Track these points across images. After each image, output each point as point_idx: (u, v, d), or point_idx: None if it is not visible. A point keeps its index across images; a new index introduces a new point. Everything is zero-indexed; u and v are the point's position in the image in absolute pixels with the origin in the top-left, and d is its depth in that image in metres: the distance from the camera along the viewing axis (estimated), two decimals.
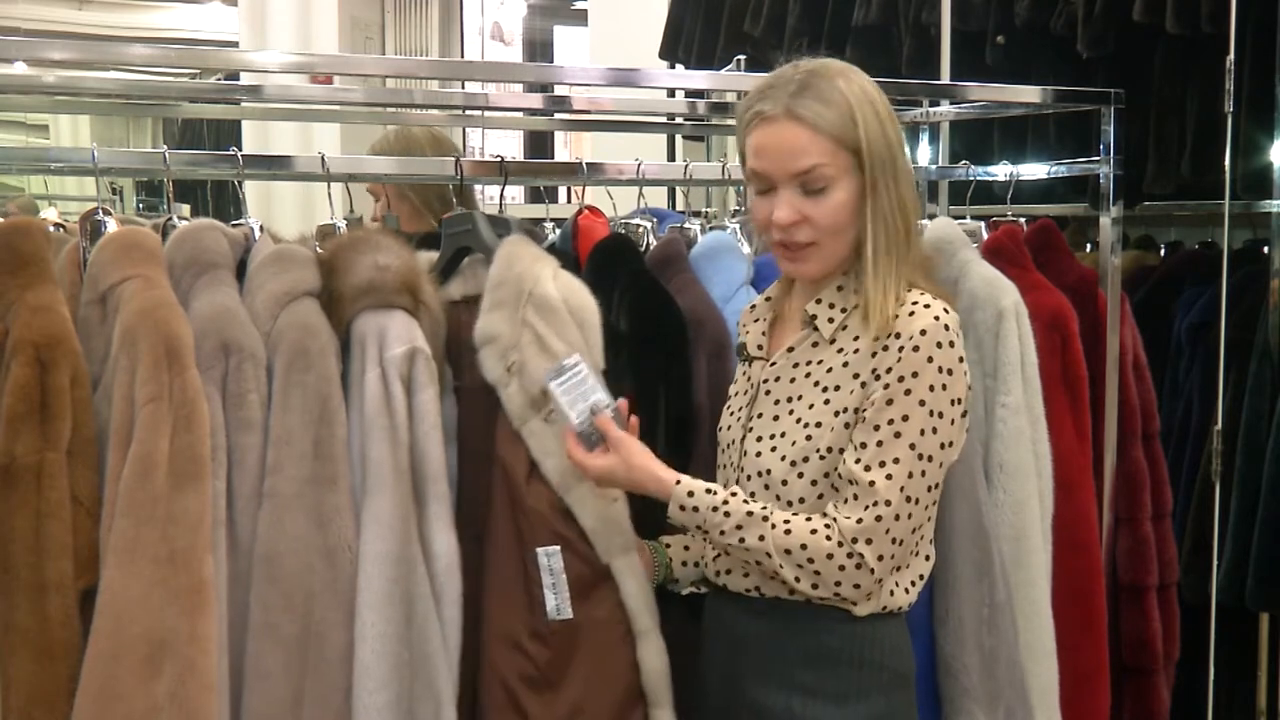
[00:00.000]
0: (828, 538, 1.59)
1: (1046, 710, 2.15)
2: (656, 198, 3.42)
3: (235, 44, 6.29)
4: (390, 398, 1.71)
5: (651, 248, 2.19)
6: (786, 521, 1.62)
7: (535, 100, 4.06)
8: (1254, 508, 2.74)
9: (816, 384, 1.67)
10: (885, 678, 1.68)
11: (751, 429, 1.73)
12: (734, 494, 1.67)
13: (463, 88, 3.75)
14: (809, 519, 1.62)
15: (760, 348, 1.79)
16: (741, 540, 1.63)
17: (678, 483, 1.68)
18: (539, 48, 7.60)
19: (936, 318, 1.61)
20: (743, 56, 3.66)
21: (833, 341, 1.68)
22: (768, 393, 1.73)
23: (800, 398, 1.69)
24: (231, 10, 6.69)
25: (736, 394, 1.81)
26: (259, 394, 1.68)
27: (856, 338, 1.66)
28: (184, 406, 1.59)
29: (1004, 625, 2.05)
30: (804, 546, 1.60)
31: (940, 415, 1.59)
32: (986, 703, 2.01)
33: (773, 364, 1.74)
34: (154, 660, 1.54)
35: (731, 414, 1.80)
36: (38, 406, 1.57)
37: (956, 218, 2.44)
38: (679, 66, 4.46)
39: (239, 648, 1.66)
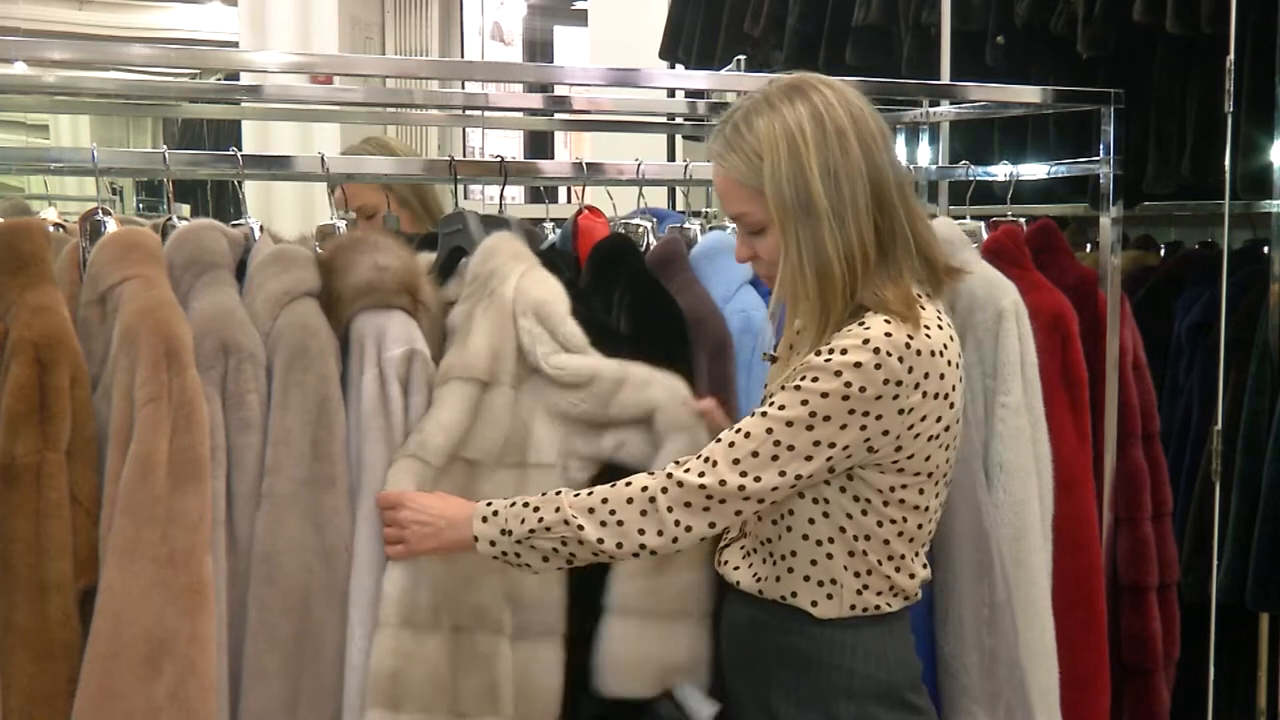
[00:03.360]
0: (629, 483, 1.61)
1: (1047, 710, 2.15)
2: (656, 198, 3.42)
3: (235, 44, 6.28)
4: (387, 399, 1.71)
5: (651, 248, 2.19)
6: (590, 490, 1.64)
7: (535, 100, 4.06)
8: (1254, 508, 2.74)
9: None
10: (857, 683, 1.65)
11: None
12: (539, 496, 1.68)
13: (463, 88, 3.75)
14: (613, 482, 1.64)
15: (792, 347, 1.77)
16: (540, 520, 1.63)
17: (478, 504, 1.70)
18: (539, 48, 7.61)
19: (866, 340, 1.55)
20: (743, 56, 3.66)
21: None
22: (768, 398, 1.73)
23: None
24: (231, 10, 6.68)
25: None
26: (258, 394, 1.68)
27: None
28: (183, 406, 1.59)
29: (1004, 625, 2.05)
30: (605, 500, 1.61)
31: (826, 419, 1.55)
32: (986, 702, 2.01)
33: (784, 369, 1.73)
34: (154, 660, 1.54)
35: None
36: (37, 407, 1.57)
37: (956, 218, 2.44)
38: (679, 66, 4.46)
39: (238, 647, 1.66)
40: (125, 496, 1.56)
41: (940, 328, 1.62)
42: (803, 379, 1.57)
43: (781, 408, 1.57)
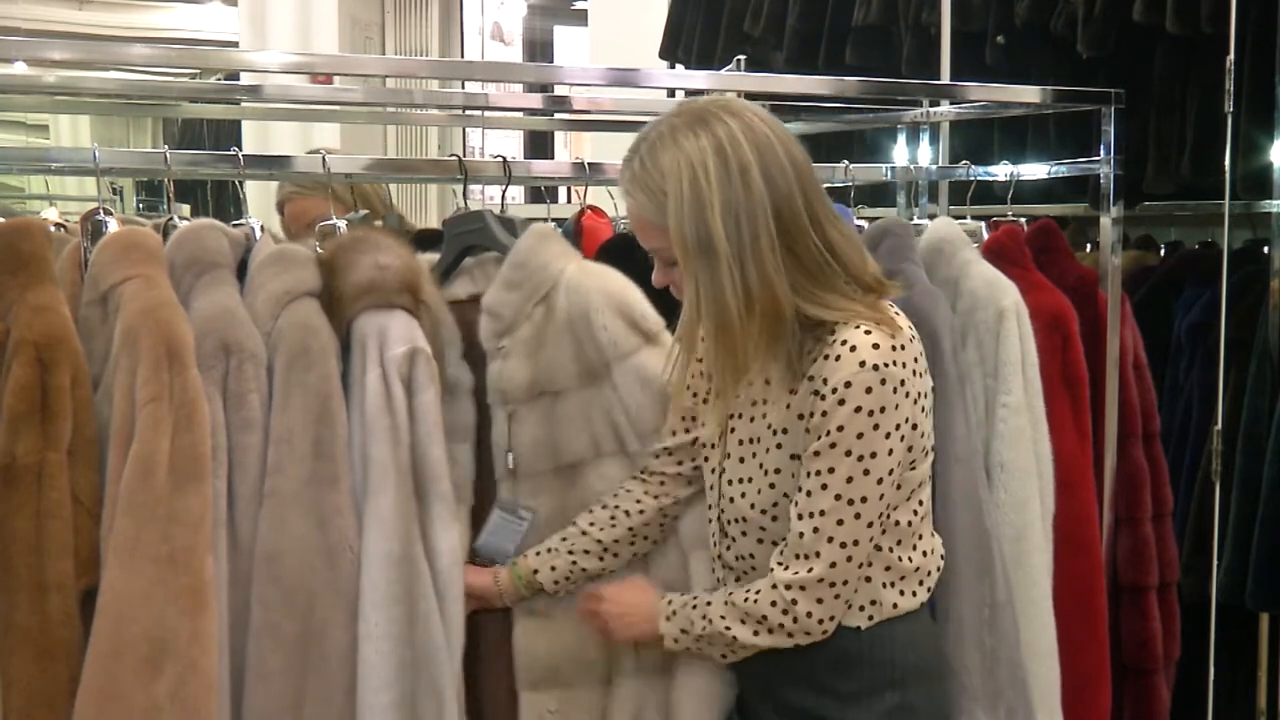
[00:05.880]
0: (757, 599, 1.65)
1: (1048, 710, 2.15)
2: None
3: (235, 44, 6.29)
4: (391, 398, 1.71)
5: None
6: (731, 593, 1.69)
7: (535, 100, 4.06)
8: (1254, 508, 2.74)
9: (769, 426, 1.66)
10: (900, 673, 1.69)
11: (724, 470, 1.74)
12: (705, 590, 1.77)
13: (463, 88, 3.75)
14: (747, 589, 1.68)
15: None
16: (706, 627, 1.69)
17: (661, 598, 1.78)
18: (539, 48, 7.62)
19: (863, 362, 1.55)
20: (743, 56, 3.66)
21: (774, 381, 1.66)
22: (733, 430, 1.72)
23: (759, 440, 1.68)
24: (231, 10, 6.70)
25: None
26: (259, 394, 1.67)
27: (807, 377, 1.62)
28: (184, 406, 1.59)
29: (1005, 625, 2.05)
30: (748, 614, 1.66)
31: (873, 455, 1.57)
32: (987, 703, 2.01)
33: (738, 397, 1.71)
34: (155, 660, 1.54)
35: (707, 446, 1.79)
36: (38, 407, 1.56)
37: (957, 218, 2.44)
38: (679, 66, 4.46)
39: (240, 648, 1.65)
40: (126, 496, 1.56)
41: (897, 313, 1.65)
42: (828, 432, 1.57)
43: (831, 470, 1.58)
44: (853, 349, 1.56)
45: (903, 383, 1.57)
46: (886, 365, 1.56)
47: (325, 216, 2.14)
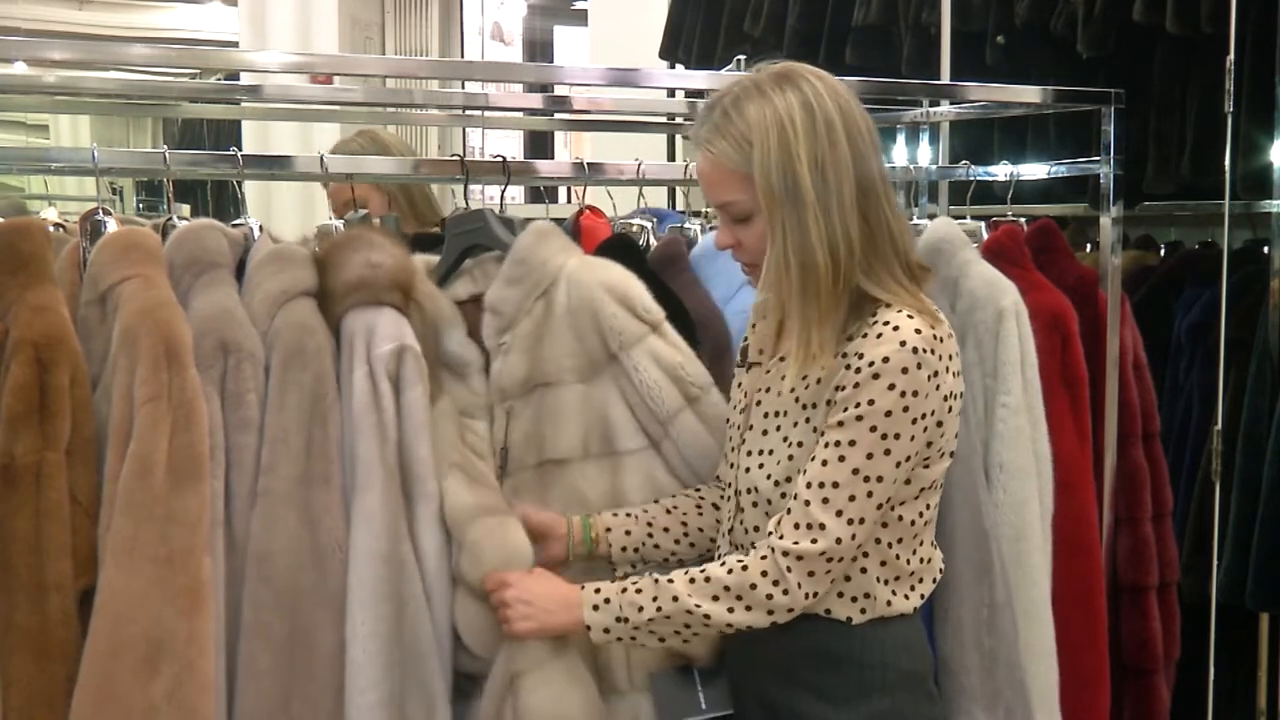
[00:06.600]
0: (745, 567, 1.61)
1: (1047, 711, 2.15)
2: (656, 198, 3.42)
3: (235, 44, 6.29)
4: (378, 395, 1.70)
5: (652, 248, 2.18)
6: (702, 571, 1.64)
7: (535, 100, 4.07)
8: (1254, 508, 2.74)
9: (798, 400, 1.66)
10: (890, 676, 1.67)
11: (744, 442, 1.73)
12: (642, 574, 1.70)
13: (463, 88, 3.75)
14: (723, 563, 1.64)
15: (762, 351, 1.77)
16: (659, 610, 1.63)
17: (582, 588, 1.69)
18: (539, 48, 7.62)
19: (903, 342, 1.56)
20: (743, 56, 3.66)
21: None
22: (759, 404, 1.73)
23: (785, 413, 1.68)
24: (231, 10, 6.69)
25: (735, 401, 1.81)
26: (257, 394, 1.67)
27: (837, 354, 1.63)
28: (183, 406, 1.59)
29: (1004, 626, 2.04)
30: (727, 588, 1.62)
31: (897, 436, 1.57)
32: (986, 703, 2.01)
33: (767, 372, 1.73)
34: (152, 660, 1.54)
35: (730, 424, 1.80)
36: (37, 407, 1.56)
37: (957, 218, 2.43)
38: (679, 66, 4.46)
39: (235, 648, 1.65)
40: (124, 496, 1.56)
41: (938, 310, 1.66)
42: (857, 404, 1.57)
43: (852, 443, 1.57)
44: (895, 329, 1.58)
45: (936, 373, 1.59)
46: (926, 351, 1.58)
47: (364, 198, 2.14)
